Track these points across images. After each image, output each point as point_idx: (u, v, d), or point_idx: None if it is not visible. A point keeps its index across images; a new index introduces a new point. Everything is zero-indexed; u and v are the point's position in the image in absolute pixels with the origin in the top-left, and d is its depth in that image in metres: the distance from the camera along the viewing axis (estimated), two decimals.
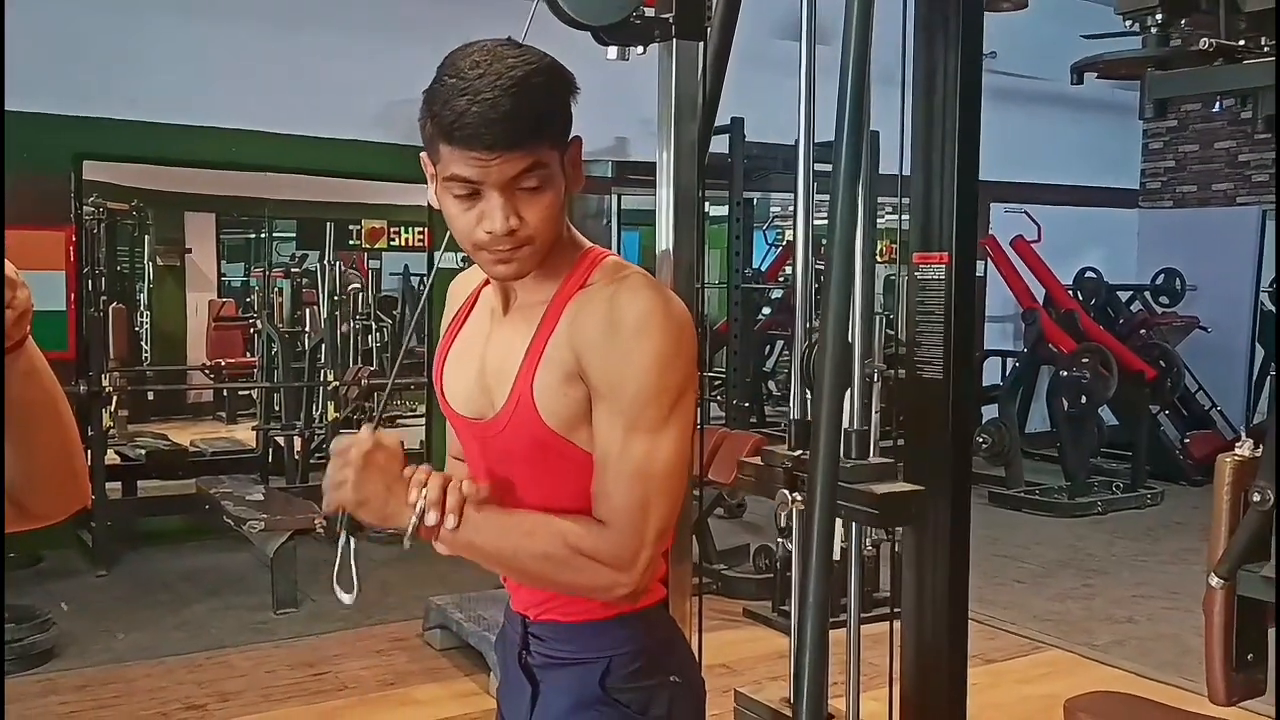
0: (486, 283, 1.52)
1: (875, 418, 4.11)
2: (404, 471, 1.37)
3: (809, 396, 2.60)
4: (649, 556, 1.36)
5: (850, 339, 2.55)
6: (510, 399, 1.41)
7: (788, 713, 2.87)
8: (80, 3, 6.02)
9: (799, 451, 2.52)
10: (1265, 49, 1.86)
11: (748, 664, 4.41)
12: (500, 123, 1.27)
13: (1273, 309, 9.77)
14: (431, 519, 1.34)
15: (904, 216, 2.36)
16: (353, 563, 1.47)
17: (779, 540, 4.95)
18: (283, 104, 6.48)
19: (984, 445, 7.67)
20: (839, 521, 2.62)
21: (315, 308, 8.26)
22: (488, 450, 1.48)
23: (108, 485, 6.01)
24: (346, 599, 1.46)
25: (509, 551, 1.39)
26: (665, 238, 2.23)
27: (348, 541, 1.45)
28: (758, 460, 2.68)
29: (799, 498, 2.47)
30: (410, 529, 1.35)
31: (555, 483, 1.42)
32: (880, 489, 2.29)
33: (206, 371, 9.75)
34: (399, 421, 9.51)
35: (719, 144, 5.54)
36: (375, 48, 6.68)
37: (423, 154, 1.41)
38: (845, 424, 2.36)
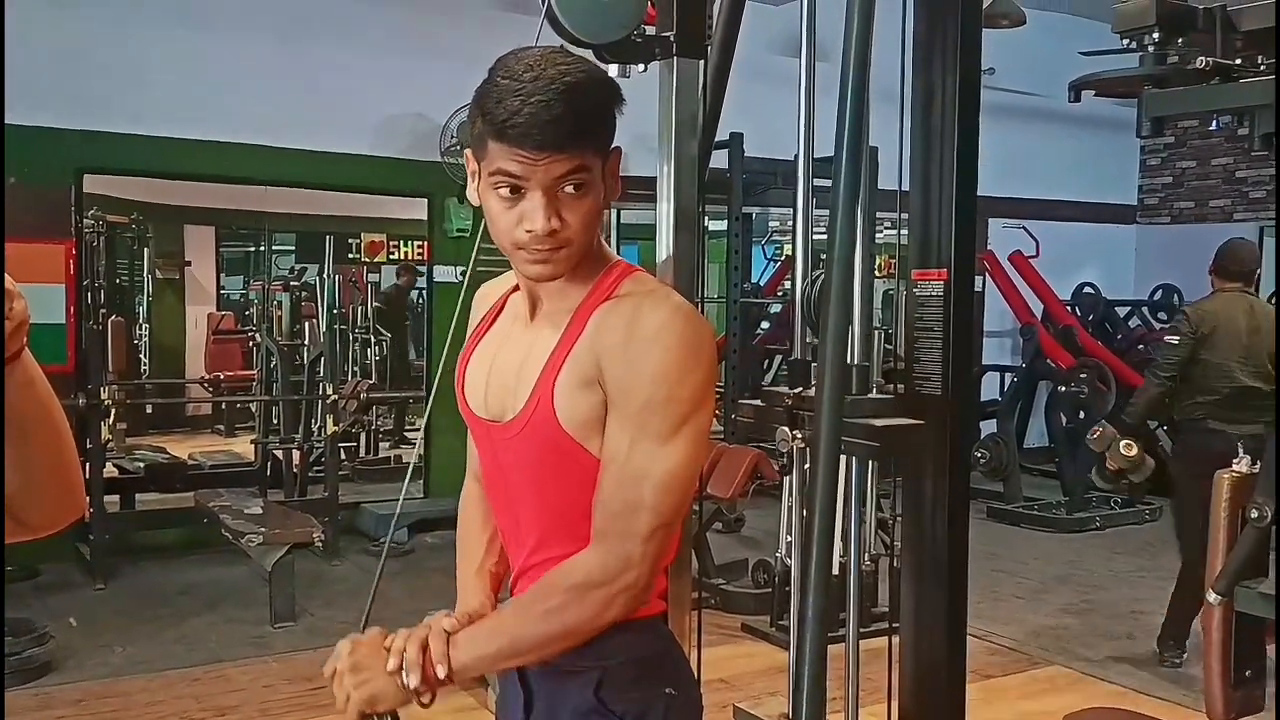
0: (514, 289, 1.55)
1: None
2: (382, 651, 1.42)
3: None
4: (644, 554, 1.36)
5: (850, 358, 2.57)
6: (530, 401, 1.43)
7: None
8: (82, 17, 6.04)
9: (799, 389, 2.54)
10: (1261, 67, 1.88)
11: (745, 679, 4.40)
12: (551, 124, 1.31)
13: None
14: (414, 681, 1.39)
15: (903, 232, 2.37)
16: None
17: (777, 555, 4.94)
18: (283, 118, 6.49)
19: (982, 460, 7.66)
20: (837, 538, 2.63)
21: (314, 321, 8.27)
22: (502, 454, 1.49)
23: (106, 498, 6.00)
24: None
25: (517, 637, 1.41)
26: (665, 252, 2.24)
27: None
28: (757, 402, 2.70)
29: (799, 435, 2.49)
30: (414, 692, 1.40)
31: (565, 490, 1.43)
32: (881, 423, 2.30)
33: (205, 384, 9.75)
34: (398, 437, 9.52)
35: (718, 159, 5.56)
36: (375, 63, 6.70)
37: (467, 151, 1.44)
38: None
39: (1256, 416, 4.45)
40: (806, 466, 2.66)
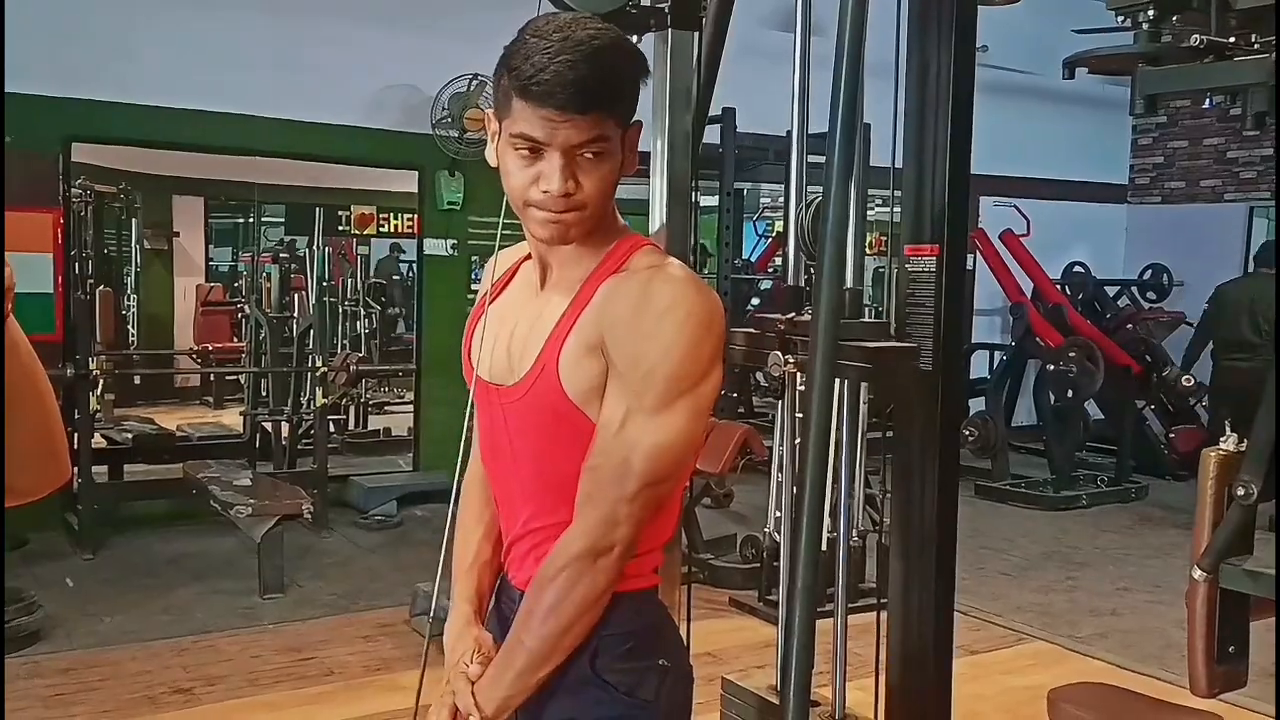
0: (527, 258, 1.55)
1: (864, 409, 4.14)
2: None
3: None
4: (628, 513, 1.37)
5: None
6: (535, 366, 1.44)
7: (774, 700, 2.89)
8: None
9: (791, 314, 2.55)
10: (1255, 46, 1.87)
11: (733, 653, 4.43)
12: (576, 84, 1.31)
13: None
14: None
15: (896, 209, 2.37)
16: None
17: (766, 530, 4.97)
18: (273, 88, 6.45)
19: (970, 438, 7.70)
20: (824, 510, 2.63)
21: (303, 293, 8.24)
22: (503, 418, 1.50)
23: (94, 469, 5.99)
24: None
25: (535, 649, 1.43)
26: (657, 226, 2.24)
27: None
28: (751, 330, 2.71)
29: (791, 360, 2.50)
30: None
31: (563, 456, 1.43)
32: (873, 344, 2.31)
33: (194, 356, 9.72)
34: (387, 408, 9.52)
35: (710, 134, 5.55)
36: (367, 33, 6.65)
37: (487, 110, 1.45)
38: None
39: None
40: (800, 388, 2.66)
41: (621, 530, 1.38)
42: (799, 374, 2.54)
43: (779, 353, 2.52)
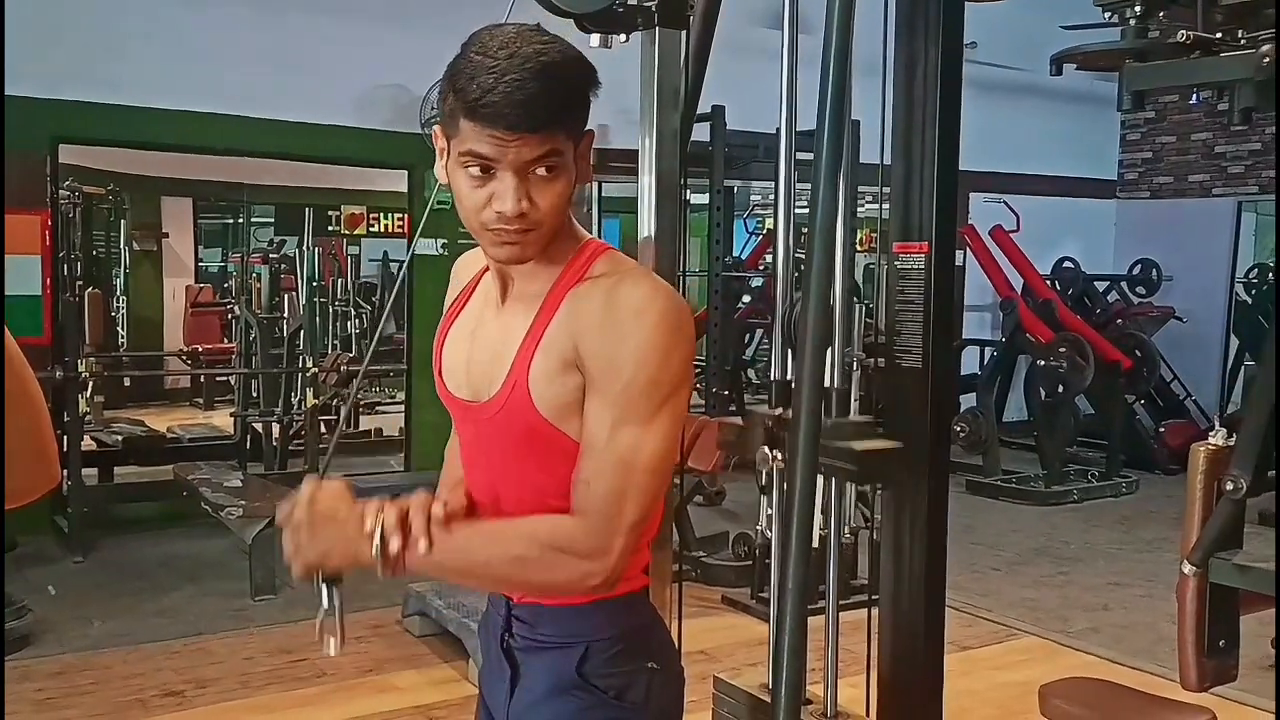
0: (487, 268, 1.52)
1: (854, 405, 4.14)
2: (356, 506, 1.38)
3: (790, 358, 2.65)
4: (623, 546, 1.36)
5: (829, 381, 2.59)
6: (506, 384, 1.42)
7: (766, 698, 2.89)
8: None
9: (780, 410, 2.55)
10: (1242, 41, 1.88)
11: (725, 651, 4.43)
12: (524, 105, 1.28)
13: (1247, 300, 9.86)
14: (395, 545, 1.34)
15: (884, 205, 2.37)
16: (338, 616, 1.43)
17: (757, 528, 4.97)
18: (262, 88, 6.43)
19: (961, 434, 7.71)
20: (816, 510, 2.64)
21: (294, 293, 8.22)
22: (481, 432, 1.49)
23: (84, 471, 5.97)
24: (333, 650, 1.43)
25: (480, 562, 1.40)
26: (646, 225, 2.24)
27: (330, 594, 1.42)
28: (739, 420, 2.72)
29: (779, 455, 2.50)
30: (376, 556, 1.34)
31: (543, 471, 1.42)
32: (860, 446, 2.31)
33: (183, 357, 9.71)
34: (378, 409, 9.51)
35: (699, 131, 5.54)
36: (355, 32, 6.64)
37: (436, 127, 1.42)
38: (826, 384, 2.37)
39: None
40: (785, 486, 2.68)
41: (610, 560, 1.36)
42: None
43: (766, 448, 2.54)
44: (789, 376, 2.68)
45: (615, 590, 1.42)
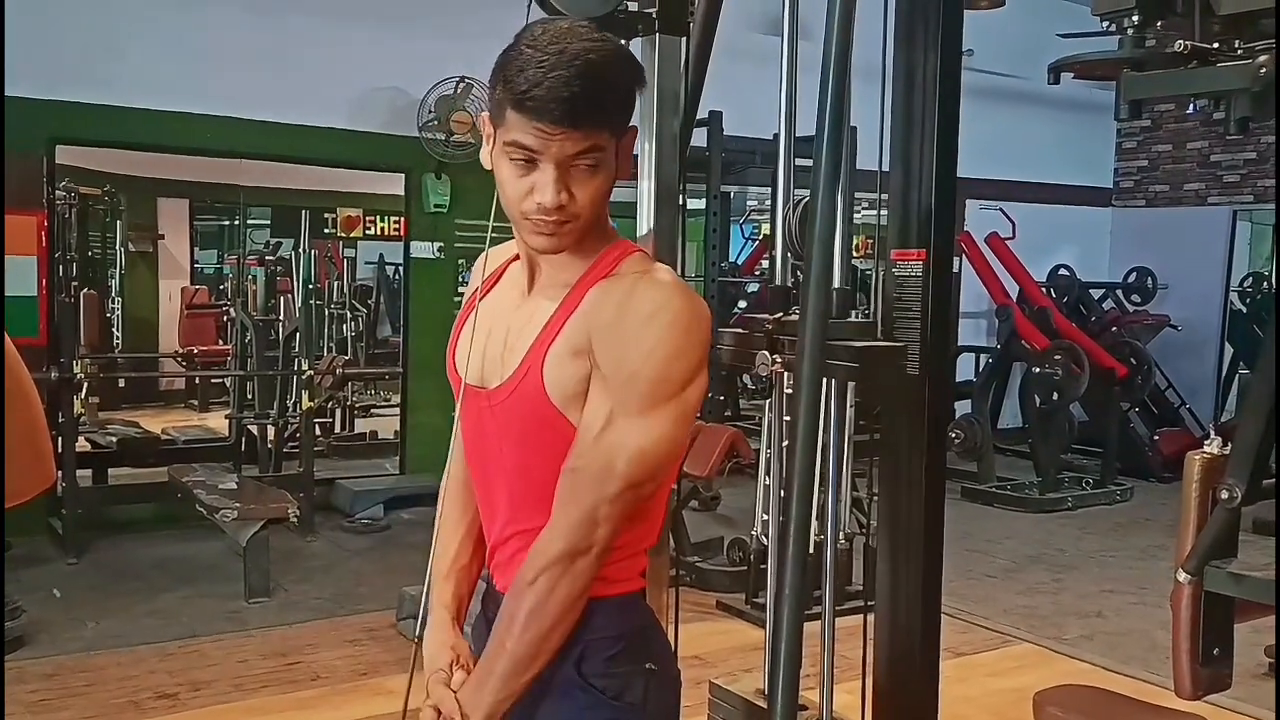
0: (515, 258, 1.55)
1: (850, 411, 4.14)
2: None
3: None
4: (607, 513, 1.37)
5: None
6: (520, 369, 1.44)
7: (762, 704, 2.89)
8: None
9: (779, 314, 2.55)
10: (1239, 51, 1.89)
11: (720, 656, 4.43)
12: (570, 100, 1.31)
13: (1242, 308, 9.89)
14: None
15: (882, 212, 2.37)
16: None
17: (753, 533, 4.97)
18: (259, 90, 6.43)
19: (956, 441, 7.71)
20: (812, 513, 2.64)
21: (290, 296, 8.21)
22: (486, 421, 1.50)
23: (78, 473, 5.96)
24: None
25: (510, 660, 1.42)
26: (645, 229, 2.24)
27: None
28: (739, 329, 2.72)
29: (778, 359, 2.50)
30: None
31: (544, 459, 1.43)
32: (860, 344, 2.31)
33: (179, 359, 9.68)
34: (373, 411, 9.50)
35: (697, 137, 5.57)
36: (354, 35, 6.64)
37: (483, 114, 1.44)
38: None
39: None
40: (788, 390, 2.67)
41: (600, 531, 1.38)
42: (786, 374, 2.55)
43: (766, 352, 2.52)
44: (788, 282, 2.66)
45: (614, 589, 1.45)
